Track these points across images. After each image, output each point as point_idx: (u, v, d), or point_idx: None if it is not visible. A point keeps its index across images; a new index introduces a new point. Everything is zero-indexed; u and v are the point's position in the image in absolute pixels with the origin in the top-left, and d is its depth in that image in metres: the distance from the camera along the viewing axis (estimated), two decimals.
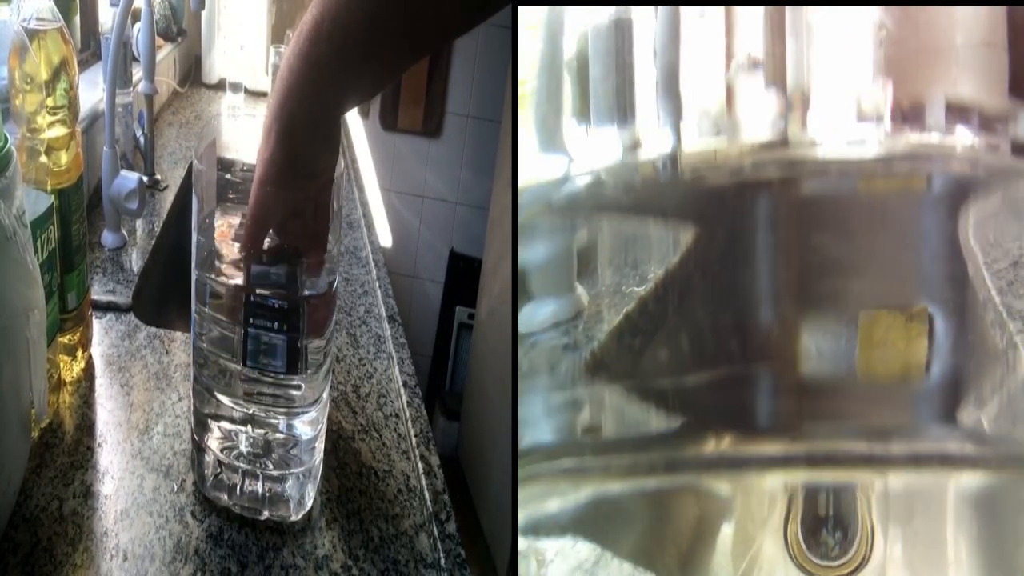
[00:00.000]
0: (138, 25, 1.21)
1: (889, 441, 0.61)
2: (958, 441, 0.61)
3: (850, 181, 0.62)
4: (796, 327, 0.62)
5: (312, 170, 0.49)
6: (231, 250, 0.53)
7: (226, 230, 0.53)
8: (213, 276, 0.52)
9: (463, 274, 2.46)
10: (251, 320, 0.52)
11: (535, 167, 0.60)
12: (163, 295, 1.06)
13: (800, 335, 0.62)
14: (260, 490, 0.57)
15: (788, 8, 0.62)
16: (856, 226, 0.63)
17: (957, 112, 0.63)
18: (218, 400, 0.55)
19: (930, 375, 0.62)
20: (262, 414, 0.55)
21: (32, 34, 0.59)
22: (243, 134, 0.58)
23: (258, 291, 0.51)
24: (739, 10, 0.63)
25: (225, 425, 0.56)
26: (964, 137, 0.62)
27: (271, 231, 0.52)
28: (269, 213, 0.50)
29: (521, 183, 0.59)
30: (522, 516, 0.58)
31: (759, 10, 0.63)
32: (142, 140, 1.23)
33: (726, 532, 0.61)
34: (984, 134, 0.63)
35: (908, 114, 0.63)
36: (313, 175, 0.49)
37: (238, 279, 0.52)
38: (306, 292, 0.52)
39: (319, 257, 0.52)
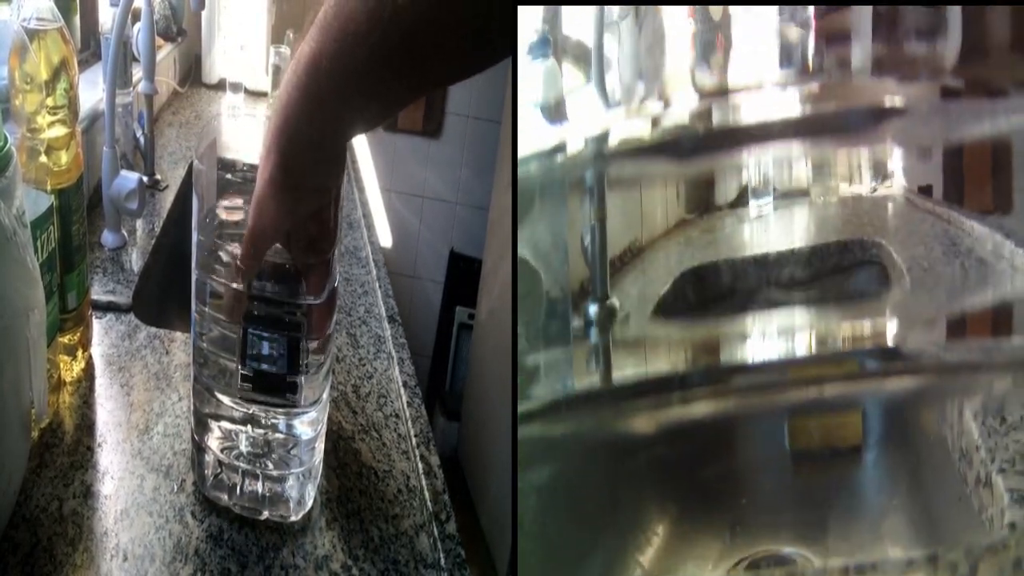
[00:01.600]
0: (138, 25, 1.21)
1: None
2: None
3: (780, 422, 0.63)
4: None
5: (313, 187, 0.48)
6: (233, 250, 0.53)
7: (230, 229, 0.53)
8: (213, 276, 0.52)
9: (463, 274, 2.46)
10: (248, 354, 0.52)
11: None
12: (163, 295, 1.06)
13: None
14: (260, 490, 0.57)
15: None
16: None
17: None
18: (218, 400, 0.55)
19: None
20: (262, 414, 0.55)
21: (32, 34, 0.59)
22: (243, 134, 0.58)
23: (255, 316, 0.51)
24: None
25: (225, 425, 0.56)
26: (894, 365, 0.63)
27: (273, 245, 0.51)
28: (268, 230, 0.49)
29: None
30: None
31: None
32: (142, 140, 1.23)
33: None
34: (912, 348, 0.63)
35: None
36: (314, 192, 0.49)
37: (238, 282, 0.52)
38: (307, 301, 0.52)
39: (321, 270, 0.52)
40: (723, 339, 0.64)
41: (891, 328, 0.63)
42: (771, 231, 0.64)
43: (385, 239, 2.44)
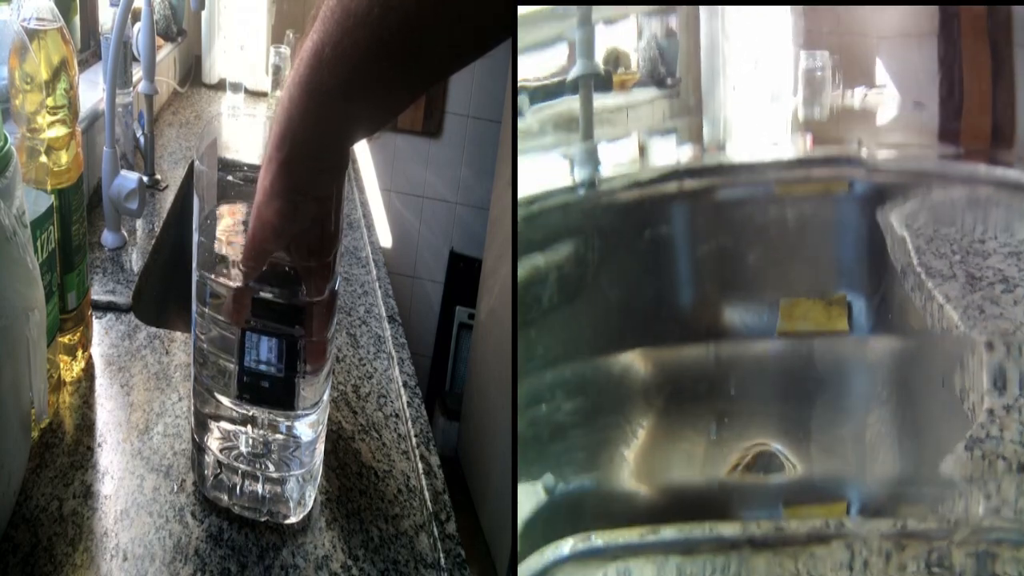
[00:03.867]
0: (138, 25, 1.21)
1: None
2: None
3: (767, 187, 0.64)
4: (718, 307, 0.63)
5: (314, 195, 0.48)
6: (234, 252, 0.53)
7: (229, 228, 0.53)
8: (213, 276, 0.52)
9: (463, 274, 2.46)
10: (246, 356, 0.52)
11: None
12: (163, 295, 1.06)
13: (722, 313, 0.63)
14: (260, 491, 0.57)
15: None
16: (774, 223, 0.64)
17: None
18: (218, 400, 0.55)
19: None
20: (262, 415, 0.55)
21: (32, 34, 0.59)
22: (243, 134, 0.58)
23: (253, 317, 0.51)
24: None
25: (225, 425, 0.56)
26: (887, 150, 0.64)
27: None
28: (269, 238, 0.49)
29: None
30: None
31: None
32: (142, 140, 1.23)
33: None
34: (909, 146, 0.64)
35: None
36: (315, 199, 0.49)
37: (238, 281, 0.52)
38: (307, 299, 0.52)
39: (321, 273, 0.52)
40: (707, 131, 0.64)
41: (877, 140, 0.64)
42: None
43: (385, 239, 2.44)
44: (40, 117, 0.61)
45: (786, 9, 0.62)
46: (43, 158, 0.62)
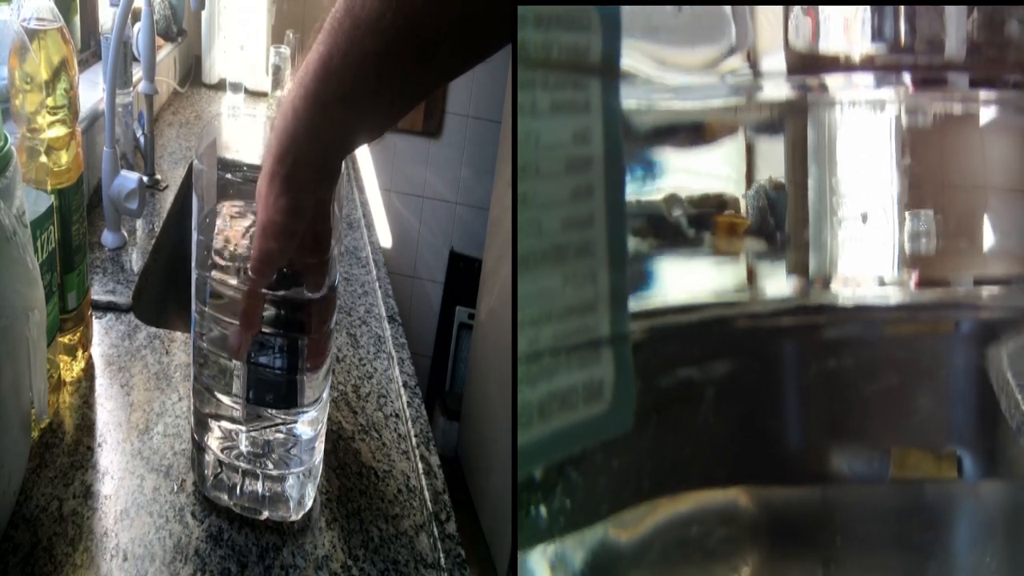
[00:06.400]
0: (138, 25, 1.21)
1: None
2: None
3: (876, 328, 0.63)
4: (826, 452, 0.63)
5: (313, 201, 0.49)
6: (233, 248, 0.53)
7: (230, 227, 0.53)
8: (213, 276, 0.52)
9: (463, 274, 2.46)
10: (253, 357, 0.52)
11: None
12: (163, 295, 1.06)
13: (831, 459, 0.63)
14: (260, 490, 0.57)
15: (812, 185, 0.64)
16: (884, 364, 0.64)
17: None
18: (218, 400, 0.55)
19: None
20: (262, 413, 0.55)
21: (32, 34, 0.59)
22: (243, 134, 0.58)
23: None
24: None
25: (225, 424, 0.56)
26: (992, 289, 0.63)
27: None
28: (275, 253, 0.49)
29: None
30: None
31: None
32: (142, 140, 1.23)
33: None
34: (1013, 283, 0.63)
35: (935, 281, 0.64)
36: (313, 204, 0.49)
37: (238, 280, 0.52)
38: (306, 296, 0.52)
39: (320, 269, 0.52)
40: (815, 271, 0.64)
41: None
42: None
43: (385, 239, 2.44)
44: (40, 117, 0.61)
45: (890, 163, 0.62)
46: (43, 158, 0.62)
